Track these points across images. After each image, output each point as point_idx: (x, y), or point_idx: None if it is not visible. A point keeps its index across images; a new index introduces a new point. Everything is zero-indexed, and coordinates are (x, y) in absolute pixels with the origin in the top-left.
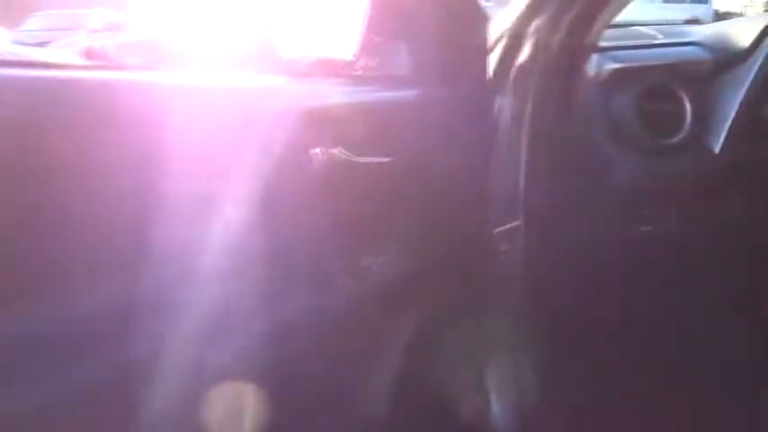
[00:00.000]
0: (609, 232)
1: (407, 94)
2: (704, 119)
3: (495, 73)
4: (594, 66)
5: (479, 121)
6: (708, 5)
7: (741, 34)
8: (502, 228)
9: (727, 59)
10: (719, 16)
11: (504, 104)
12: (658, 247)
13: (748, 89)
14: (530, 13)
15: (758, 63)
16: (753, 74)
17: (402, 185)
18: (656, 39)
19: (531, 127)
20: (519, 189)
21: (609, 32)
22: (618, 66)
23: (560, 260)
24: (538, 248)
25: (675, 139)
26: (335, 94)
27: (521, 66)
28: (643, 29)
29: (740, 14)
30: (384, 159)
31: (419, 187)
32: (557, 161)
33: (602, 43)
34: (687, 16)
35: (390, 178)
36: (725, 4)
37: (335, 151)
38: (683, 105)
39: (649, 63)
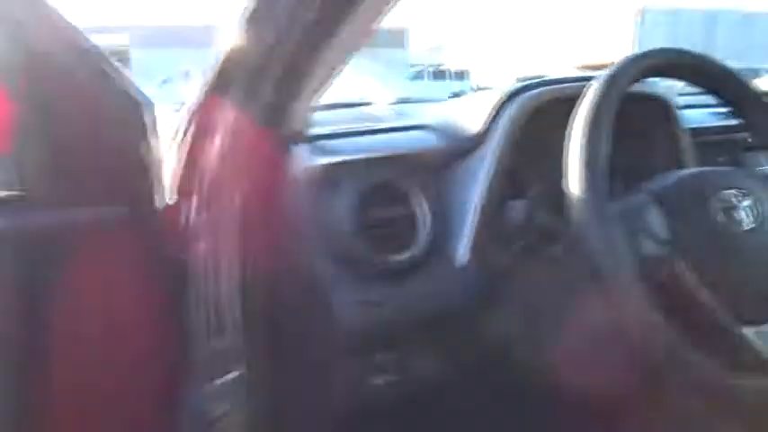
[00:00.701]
0: (337, 387)
1: (22, 223)
2: (442, 224)
3: (178, 183)
4: (303, 160)
5: (152, 254)
6: (467, 81)
7: (474, 114)
8: (215, 383)
9: (460, 147)
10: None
11: (194, 226)
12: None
13: (487, 181)
14: (213, 94)
15: (491, 149)
16: (487, 163)
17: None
18: (382, 121)
19: (236, 255)
20: (229, 332)
21: (324, 115)
22: (331, 160)
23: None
24: (265, 407)
25: (409, 254)
26: None
27: (211, 171)
28: (368, 109)
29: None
30: None
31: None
32: (271, 295)
33: (312, 130)
34: (448, 93)
35: None
36: (484, 79)
37: None
38: (414, 208)
39: (371, 155)
